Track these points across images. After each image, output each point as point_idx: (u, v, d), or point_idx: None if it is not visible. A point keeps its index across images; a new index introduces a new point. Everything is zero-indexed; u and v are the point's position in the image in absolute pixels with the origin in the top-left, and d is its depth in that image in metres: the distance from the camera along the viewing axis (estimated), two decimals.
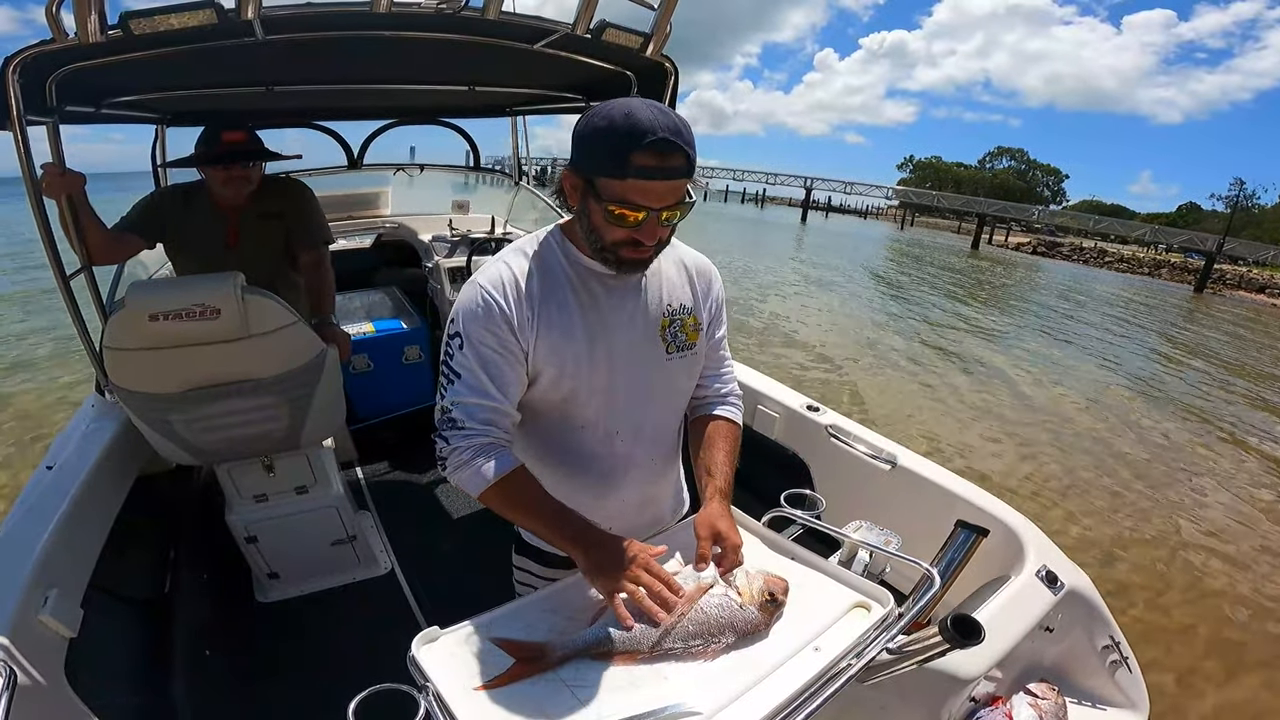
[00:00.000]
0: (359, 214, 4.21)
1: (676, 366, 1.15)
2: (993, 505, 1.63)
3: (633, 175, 0.89)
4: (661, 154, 0.88)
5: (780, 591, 0.97)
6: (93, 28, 1.23)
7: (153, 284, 1.97)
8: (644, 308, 1.10)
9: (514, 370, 1.03)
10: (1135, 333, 13.78)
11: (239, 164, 2.05)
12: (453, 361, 1.03)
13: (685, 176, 0.92)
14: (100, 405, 1.99)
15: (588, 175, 0.94)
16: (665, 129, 0.88)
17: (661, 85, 2.04)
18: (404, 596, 2.31)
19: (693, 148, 0.92)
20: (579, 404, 1.09)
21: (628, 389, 1.10)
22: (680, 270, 1.16)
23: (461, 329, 1.02)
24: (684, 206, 0.95)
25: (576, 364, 1.05)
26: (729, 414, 1.25)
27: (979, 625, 0.87)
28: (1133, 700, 1.43)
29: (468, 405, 1.01)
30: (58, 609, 1.25)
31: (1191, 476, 5.69)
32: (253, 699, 1.85)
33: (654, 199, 0.91)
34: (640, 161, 0.88)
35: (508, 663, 0.86)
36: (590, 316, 1.05)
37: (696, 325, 1.16)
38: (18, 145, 1.52)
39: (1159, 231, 38.95)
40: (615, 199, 0.92)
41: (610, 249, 0.98)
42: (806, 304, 12.58)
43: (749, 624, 0.93)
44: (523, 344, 1.02)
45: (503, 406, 1.03)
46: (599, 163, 0.92)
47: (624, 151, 0.88)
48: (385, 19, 1.47)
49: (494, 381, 1.01)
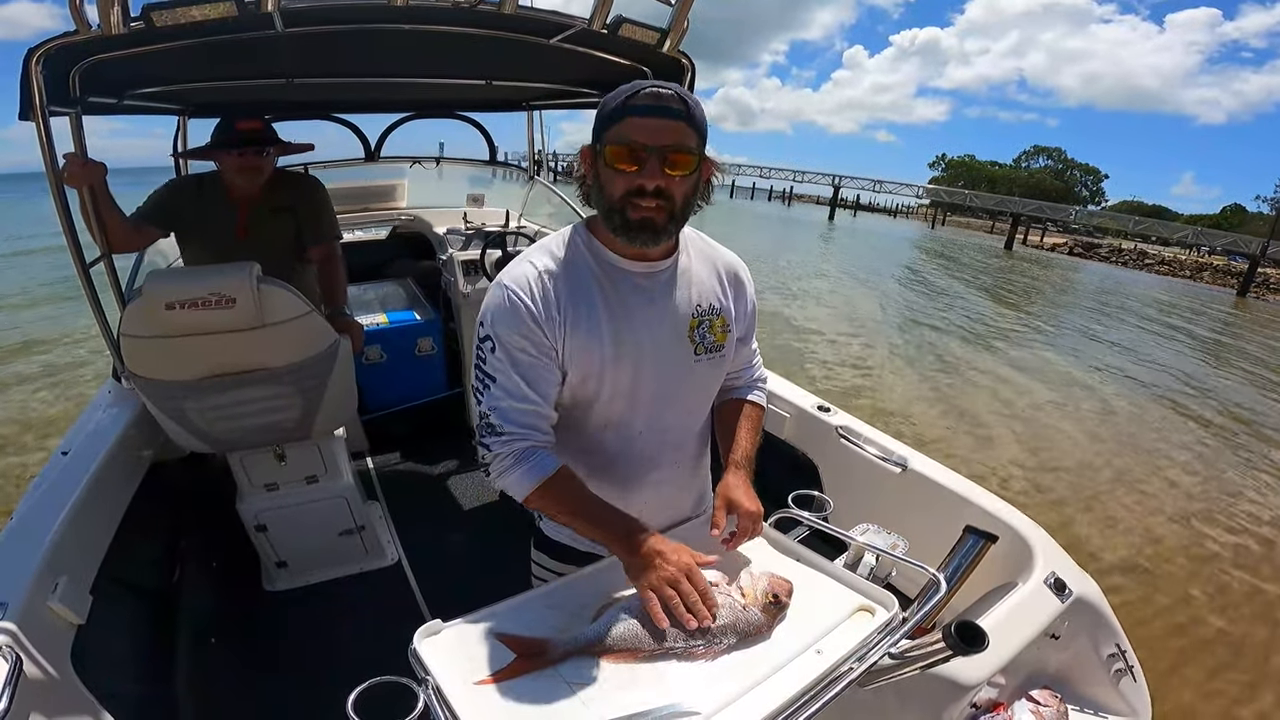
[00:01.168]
0: (375, 206, 4.24)
1: (704, 368, 1.14)
2: (1004, 511, 1.62)
3: (630, 114, 0.93)
4: (658, 95, 0.93)
5: (784, 593, 0.96)
6: (115, 19, 1.25)
7: (170, 273, 2.00)
8: (673, 307, 1.09)
9: (548, 370, 1.03)
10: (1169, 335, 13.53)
11: (251, 151, 2.07)
12: (486, 365, 1.02)
13: (683, 120, 0.94)
14: (117, 392, 2.02)
15: (598, 138, 0.97)
16: (666, 86, 0.93)
17: (679, 81, 2.03)
18: (410, 588, 2.33)
19: (697, 106, 0.96)
20: (602, 404, 1.09)
21: (653, 390, 1.09)
22: (711, 270, 1.15)
23: (493, 332, 1.01)
24: (688, 155, 0.95)
25: (602, 365, 1.04)
26: (754, 398, 1.27)
27: (983, 632, 0.86)
28: (1135, 709, 1.41)
29: (505, 409, 1.01)
30: (67, 596, 1.26)
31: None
32: (256, 689, 1.87)
33: (649, 136, 0.93)
34: (637, 102, 0.93)
35: (510, 657, 0.86)
36: (617, 316, 1.04)
37: (725, 327, 1.15)
38: (40, 136, 1.54)
39: (1201, 234, 37.54)
40: (616, 140, 0.94)
41: (618, 206, 0.98)
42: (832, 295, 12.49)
43: (751, 625, 0.92)
44: (553, 343, 1.02)
45: (540, 408, 1.03)
46: (606, 117, 0.96)
47: (624, 100, 0.94)
48: (402, 12, 1.48)
49: (529, 383, 1.01)
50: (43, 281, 10.97)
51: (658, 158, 0.93)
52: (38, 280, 11.13)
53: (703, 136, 0.97)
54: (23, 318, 8.82)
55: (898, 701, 1.18)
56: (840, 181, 49.85)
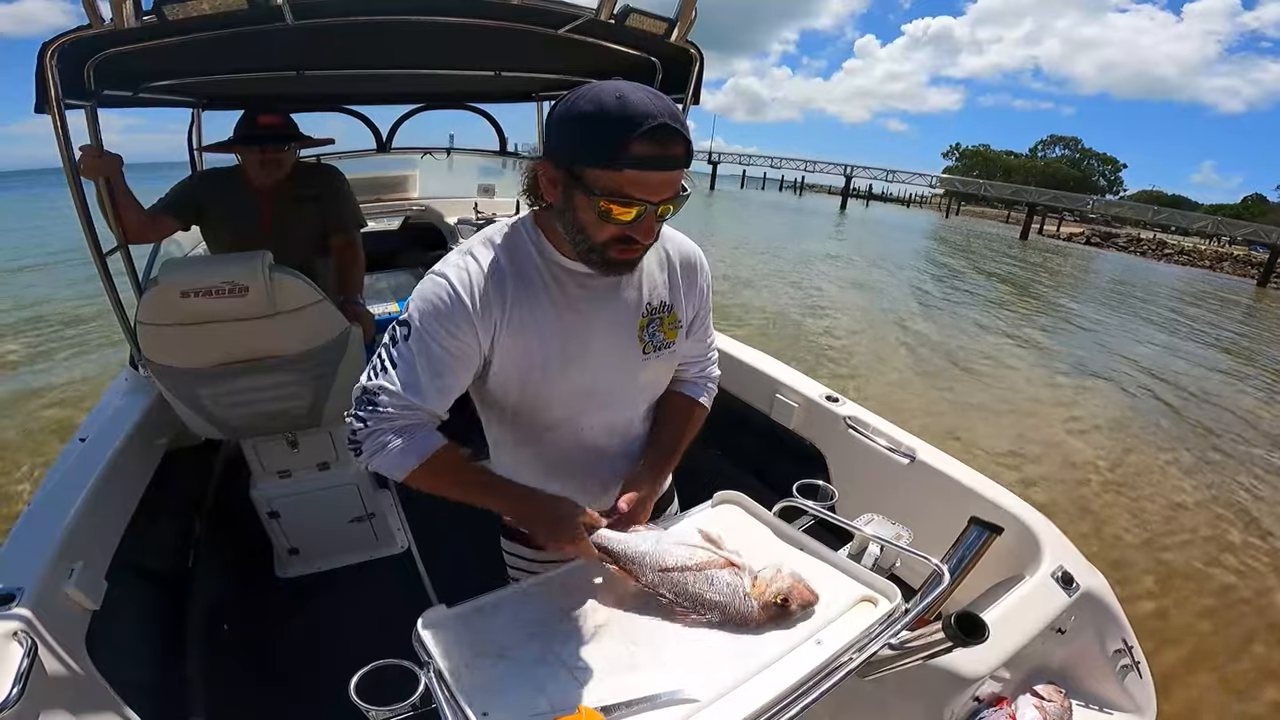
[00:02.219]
0: (387, 196, 4.28)
1: (653, 365, 1.10)
2: (1012, 503, 1.60)
3: (630, 166, 0.81)
4: (662, 142, 0.81)
5: (797, 602, 0.93)
6: (127, 12, 1.27)
7: (185, 262, 2.03)
8: (623, 307, 1.04)
9: (457, 374, 0.97)
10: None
11: (273, 146, 2.10)
12: (394, 349, 0.95)
13: (684, 167, 0.85)
14: (133, 379, 2.05)
15: (571, 167, 0.85)
16: (664, 113, 0.80)
17: (686, 72, 2.03)
18: (419, 575, 2.35)
19: (689, 133, 0.85)
20: (545, 405, 1.05)
21: (600, 391, 1.06)
22: (662, 264, 1.09)
23: (415, 319, 0.94)
24: (679, 200, 0.88)
25: (546, 368, 0.99)
26: (701, 398, 1.23)
27: (983, 623, 0.86)
28: (1140, 705, 1.40)
29: (394, 393, 0.94)
30: (83, 582, 1.28)
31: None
32: (266, 674, 1.90)
33: (652, 192, 0.83)
34: (638, 150, 0.80)
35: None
36: (567, 320, 0.99)
37: (675, 323, 1.10)
38: (56, 128, 1.56)
39: (1221, 223, 36.86)
40: (609, 192, 0.83)
41: (599, 249, 0.90)
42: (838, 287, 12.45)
43: (740, 615, 0.92)
44: (481, 346, 0.96)
45: (431, 408, 0.96)
46: (588, 152, 0.83)
47: (619, 139, 0.79)
48: (410, 4, 1.48)
49: (432, 379, 0.95)
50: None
51: (654, 211, 0.86)
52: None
53: (692, 159, 0.88)
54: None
55: (899, 694, 1.18)
56: (852, 171, 49.52)
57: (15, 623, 1.07)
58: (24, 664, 0.99)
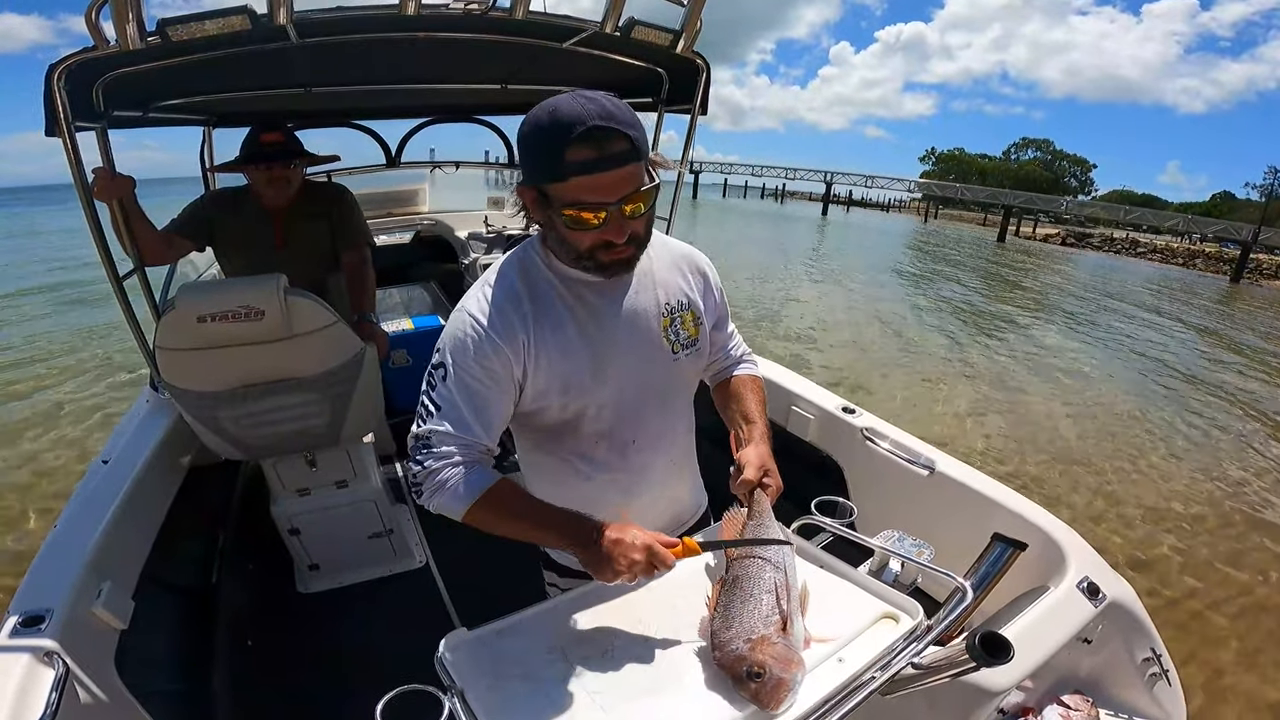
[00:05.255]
0: (398, 211, 4.30)
1: (685, 364, 1.12)
2: (1036, 515, 1.57)
3: (574, 173, 0.83)
4: (597, 142, 0.82)
5: (767, 667, 0.81)
6: (132, 34, 1.27)
7: (201, 286, 2.05)
8: (643, 310, 1.06)
9: (499, 403, 0.99)
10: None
11: (278, 164, 2.12)
12: (434, 393, 0.98)
13: (634, 161, 0.86)
14: (154, 401, 2.08)
15: (537, 185, 0.90)
16: (594, 116, 0.81)
17: (693, 82, 2.02)
18: (437, 590, 2.36)
19: (634, 127, 0.85)
20: (589, 420, 1.06)
21: (638, 397, 1.07)
22: (671, 266, 1.12)
23: (447, 360, 0.97)
24: (646, 193, 0.89)
25: (581, 381, 1.01)
26: (747, 371, 1.26)
27: (1007, 643, 0.85)
28: (1169, 713, 1.38)
29: (444, 434, 0.97)
30: (110, 601, 1.29)
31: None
32: (289, 689, 1.91)
33: (606, 193, 0.85)
34: (576, 156, 0.82)
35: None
36: (590, 330, 1.01)
37: (696, 319, 1.13)
38: (67, 150, 1.56)
39: (1192, 221, 37.87)
40: (566, 203, 0.86)
41: (586, 256, 0.93)
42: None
43: (721, 653, 0.86)
44: (517, 373, 0.98)
45: (482, 441, 0.99)
46: (540, 169, 0.87)
47: (556, 151, 0.83)
48: (414, 21, 1.49)
49: (476, 414, 0.97)
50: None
51: (617, 211, 0.87)
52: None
53: (647, 151, 0.88)
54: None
55: (923, 707, 1.16)
56: (832, 178, 49.90)
57: (46, 643, 1.08)
58: (56, 686, 1.00)
